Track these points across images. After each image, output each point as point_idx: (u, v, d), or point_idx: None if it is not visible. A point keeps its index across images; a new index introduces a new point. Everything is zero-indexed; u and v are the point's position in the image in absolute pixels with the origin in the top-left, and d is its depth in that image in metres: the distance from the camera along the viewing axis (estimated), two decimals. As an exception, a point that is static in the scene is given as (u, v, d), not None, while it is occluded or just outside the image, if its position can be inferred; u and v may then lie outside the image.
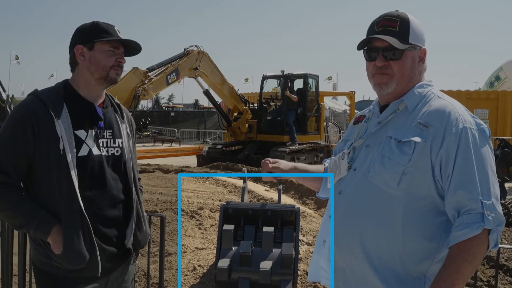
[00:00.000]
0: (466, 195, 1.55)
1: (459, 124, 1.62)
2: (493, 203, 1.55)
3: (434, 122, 1.65)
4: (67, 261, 2.01)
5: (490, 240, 1.54)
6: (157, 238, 5.12)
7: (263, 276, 3.42)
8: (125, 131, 2.29)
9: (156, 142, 23.05)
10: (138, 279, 4.17)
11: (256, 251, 3.59)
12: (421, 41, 1.78)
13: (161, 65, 11.20)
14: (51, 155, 2.00)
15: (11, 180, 2.01)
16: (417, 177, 1.63)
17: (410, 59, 1.76)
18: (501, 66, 23.57)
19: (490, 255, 5.35)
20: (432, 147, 1.62)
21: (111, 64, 2.15)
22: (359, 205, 1.74)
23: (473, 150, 1.59)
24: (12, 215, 2.03)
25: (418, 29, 1.78)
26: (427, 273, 1.66)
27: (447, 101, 1.72)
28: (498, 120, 16.10)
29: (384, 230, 1.66)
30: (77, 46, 2.13)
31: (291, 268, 3.52)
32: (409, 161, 1.63)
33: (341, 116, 29.80)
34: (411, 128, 1.68)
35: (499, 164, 9.89)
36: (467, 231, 1.52)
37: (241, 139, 13.83)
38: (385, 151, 1.70)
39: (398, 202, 1.65)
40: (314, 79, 14.16)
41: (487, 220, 1.52)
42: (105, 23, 2.16)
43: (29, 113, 2.00)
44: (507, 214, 7.24)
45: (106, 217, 2.14)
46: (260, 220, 3.87)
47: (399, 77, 1.76)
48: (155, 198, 7.49)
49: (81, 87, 2.17)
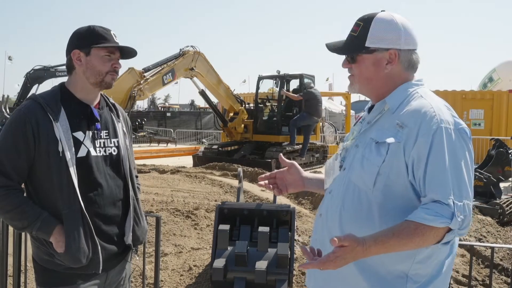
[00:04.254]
0: (437, 195, 1.53)
1: (433, 124, 1.58)
2: (464, 205, 1.53)
3: (409, 122, 1.62)
4: (70, 259, 2.07)
5: (446, 237, 1.54)
6: (152, 238, 5.14)
7: (259, 276, 3.42)
8: (121, 130, 2.34)
9: (152, 143, 23.01)
10: (134, 279, 4.17)
11: (251, 251, 3.60)
12: (385, 43, 1.74)
13: (157, 65, 11.19)
14: (51, 157, 2.06)
15: (13, 183, 2.06)
16: (392, 177, 1.63)
17: (368, 62, 1.77)
18: (494, 68, 23.73)
19: (485, 255, 5.38)
20: (405, 148, 1.60)
21: (107, 69, 2.18)
22: (343, 204, 1.77)
23: (447, 151, 1.56)
24: (15, 217, 2.08)
25: (381, 32, 1.74)
26: (409, 273, 1.65)
27: (427, 100, 1.68)
28: (493, 120, 16.14)
29: (364, 229, 1.66)
30: (74, 51, 2.16)
31: (286, 268, 3.53)
32: (383, 162, 1.64)
33: (337, 116, 29.87)
34: (390, 129, 1.67)
35: (494, 164, 9.95)
36: (433, 218, 1.50)
37: (237, 139, 13.82)
38: (366, 152, 1.72)
39: (376, 202, 1.66)
40: (310, 80, 14.18)
41: (455, 220, 1.50)
42: (101, 28, 2.19)
43: (29, 117, 2.06)
44: (502, 214, 7.27)
45: (107, 215, 2.21)
46: (255, 220, 3.88)
47: (359, 79, 1.81)
48: (151, 198, 7.48)
49: (78, 90, 2.22)
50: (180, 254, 5.02)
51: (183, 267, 4.69)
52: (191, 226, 5.99)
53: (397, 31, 1.74)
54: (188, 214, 6.36)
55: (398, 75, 1.77)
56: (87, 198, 2.12)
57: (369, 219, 1.68)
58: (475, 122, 16.27)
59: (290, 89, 14.05)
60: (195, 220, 6.17)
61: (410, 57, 1.77)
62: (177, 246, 5.22)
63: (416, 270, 1.64)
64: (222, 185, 9.05)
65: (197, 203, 7.11)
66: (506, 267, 5.14)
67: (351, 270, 1.67)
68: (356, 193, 1.73)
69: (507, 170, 10.02)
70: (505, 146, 10.34)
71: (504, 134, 15.32)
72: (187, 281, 4.43)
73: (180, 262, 4.81)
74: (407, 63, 1.76)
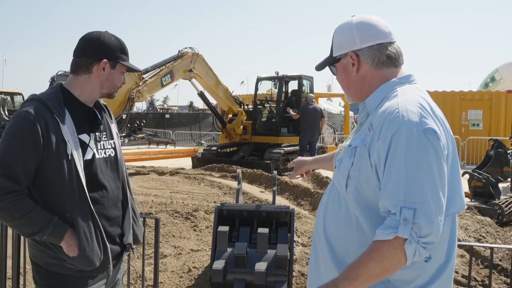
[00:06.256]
0: (387, 201, 1.50)
1: (394, 126, 1.52)
2: (415, 211, 1.44)
3: (375, 125, 1.60)
4: (84, 262, 2.05)
5: (406, 250, 1.45)
6: (151, 240, 5.14)
7: (258, 277, 3.42)
8: (114, 131, 2.37)
9: (151, 144, 22.99)
10: (133, 281, 4.16)
11: (251, 252, 3.60)
12: (344, 48, 1.77)
13: (156, 67, 11.16)
14: (60, 159, 2.01)
15: (21, 188, 1.97)
16: (362, 181, 1.61)
17: (340, 70, 1.82)
18: (497, 68, 23.83)
19: (485, 255, 5.38)
20: (370, 151, 1.59)
21: (120, 84, 2.26)
22: (327, 205, 1.81)
23: (405, 153, 1.49)
24: (25, 223, 2.00)
25: (339, 38, 1.80)
26: (390, 278, 1.60)
27: (398, 99, 1.62)
28: (491, 120, 16.14)
29: (342, 230, 1.68)
30: (104, 60, 2.15)
31: (286, 269, 3.52)
32: (352, 165, 1.64)
33: (336, 117, 29.90)
34: (364, 131, 1.67)
35: (493, 165, 9.96)
36: (381, 232, 1.48)
37: (236, 140, 13.82)
38: (344, 155, 1.75)
39: (350, 204, 1.67)
40: (309, 81, 14.17)
41: (402, 228, 1.44)
42: (124, 43, 2.25)
43: (37, 118, 1.99)
44: (501, 214, 7.28)
45: (110, 217, 2.23)
46: (255, 222, 3.87)
47: (342, 88, 1.88)
48: (150, 200, 7.48)
49: (81, 92, 2.19)
50: (179, 256, 5.02)
51: (182, 268, 4.69)
52: (190, 228, 5.98)
53: (349, 34, 1.76)
54: (187, 216, 6.36)
55: (370, 75, 1.75)
56: (94, 200, 2.12)
57: (347, 223, 1.69)
58: (473, 122, 16.29)
59: (289, 90, 14.06)
60: (194, 222, 6.17)
61: (375, 53, 1.72)
62: (177, 247, 5.22)
63: (398, 275, 1.58)
64: (221, 186, 9.05)
65: (196, 205, 7.11)
66: (506, 267, 5.15)
67: (333, 274, 1.67)
68: (336, 196, 1.76)
69: (506, 171, 10.02)
70: (504, 147, 10.34)
71: (503, 134, 15.34)
72: (187, 282, 4.42)
73: (180, 264, 4.80)
74: (371, 60, 1.73)
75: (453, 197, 1.60)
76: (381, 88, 1.72)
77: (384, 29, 1.74)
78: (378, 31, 1.73)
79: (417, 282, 1.61)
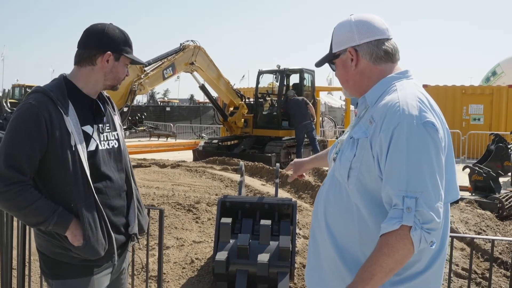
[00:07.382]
0: (390, 191, 1.56)
1: (395, 119, 1.59)
2: (417, 199, 1.52)
3: (376, 118, 1.66)
4: (88, 252, 2.08)
5: (413, 237, 1.51)
6: (155, 231, 5.18)
7: (261, 269, 3.46)
8: (117, 123, 2.39)
9: (152, 137, 23.03)
10: (137, 272, 4.20)
11: (253, 244, 3.63)
12: (343, 44, 1.83)
13: (157, 59, 11.14)
14: (64, 150, 2.04)
15: (26, 178, 2.01)
16: (364, 172, 1.67)
17: (339, 66, 1.89)
18: (498, 63, 23.84)
19: (485, 249, 5.42)
20: (372, 142, 1.64)
21: (123, 77, 2.29)
22: (328, 196, 1.85)
23: (406, 145, 1.55)
24: (30, 213, 2.02)
25: (338, 35, 1.86)
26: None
27: (398, 94, 1.68)
28: (492, 115, 16.13)
29: (344, 218, 1.74)
30: (108, 52, 2.17)
31: (288, 260, 3.56)
32: (354, 157, 1.70)
33: (336, 111, 29.90)
34: (365, 124, 1.73)
35: (493, 159, 9.99)
36: (386, 225, 1.54)
37: (237, 133, 13.82)
38: (344, 146, 1.79)
39: (352, 195, 1.72)
40: (310, 74, 14.16)
41: (406, 216, 1.51)
42: (128, 36, 2.27)
43: (41, 109, 2.01)
44: (502, 208, 7.31)
45: (115, 207, 2.25)
46: (257, 214, 3.91)
47: (341, 83, 1.94)
48: (152, 192, 7.51)
49: (85, 84, 2.21)
50: (182, 247, 5.06)
51: (185, 260, 4.73)
52: (192, 220, 6.01)
53: (349, 30, 1.82)
54: (189, 208, 6.39)
55: (368, 70, 1.81)
56: (98, 190, 2.14)
57: (348, 212, 1.74)
58: (474, 117, 16.29)
59: (290, 84, 14.05)
60: (196, 214, 6.20)
61: (373, 49, 1.79)
62: (179, 239, 5.25)
63: None
64: (223, 179, 9.08)
65: (198, 197, 7.14)
66: (506, 260, 5.19)
67: (334, 261, 1.75)
68: (337, 186, 1.80)
69: (506, 165, 10.06)
70: (505, 141, 10.37)
71: (504, 129, 15.34)
72: (189, 273, 4.46)
73: (182, 255, 4.84)
74: (369, 55, 1.79)
75: (449, 187, 1.68)
76: (380, 82, 1.79)
77: (381, 26, 1.81)
78: (376, 27, 1.80)
79: (415, 268, 1.68)
